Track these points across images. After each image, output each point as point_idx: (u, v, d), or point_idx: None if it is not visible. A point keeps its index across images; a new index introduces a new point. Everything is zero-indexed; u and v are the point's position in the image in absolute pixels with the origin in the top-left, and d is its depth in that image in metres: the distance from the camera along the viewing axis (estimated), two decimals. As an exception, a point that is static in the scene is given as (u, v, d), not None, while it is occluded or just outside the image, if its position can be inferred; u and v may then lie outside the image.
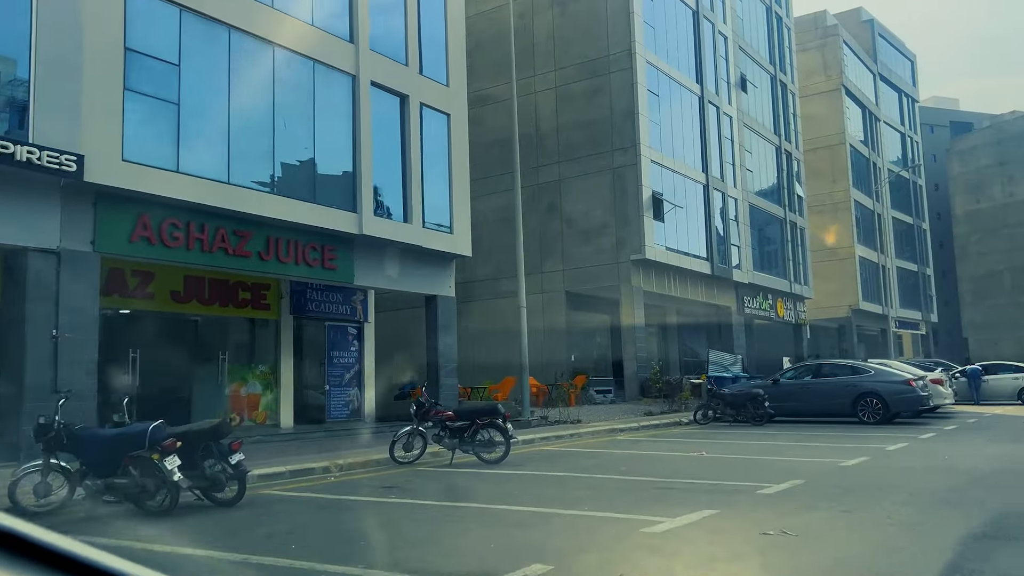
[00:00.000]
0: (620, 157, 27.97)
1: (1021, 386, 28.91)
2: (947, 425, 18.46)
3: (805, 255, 41.87)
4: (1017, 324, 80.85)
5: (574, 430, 17.15)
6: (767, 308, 37.12)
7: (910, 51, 65.17)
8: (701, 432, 17.88)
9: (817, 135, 50.80)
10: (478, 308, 30.44)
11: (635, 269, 27.77)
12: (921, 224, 62.75)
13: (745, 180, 35.70)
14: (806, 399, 20.13)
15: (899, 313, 56.43)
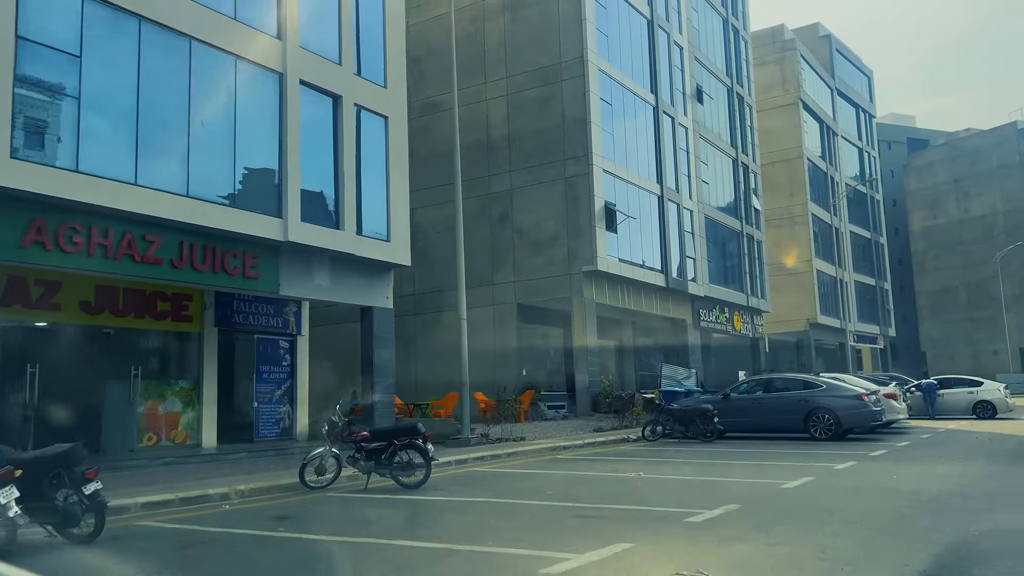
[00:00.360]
0: (572, 166, 27.30)
1: (976, 400, 28.68)
2: (900, 441, 17.91)
3: (762, 268, 41.59)
4: (972, 339, 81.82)
5: (515, 448, 16.27)
6: (724, 322, 36.66)
7: (867, 67, 65.84)
8: (647, 450, 17.11)
9: (775, 149, 50.82)
10: (427, 321, 29.52)
11: (587, 281, 27.05)
12: (879, 239, 63.14)
13: (701, 192, 35.28)
14: (757, 415, 19.48)
15: (857, 327, 56.54)
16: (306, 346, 19.72)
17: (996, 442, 17.57)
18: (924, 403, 28.85)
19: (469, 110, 29.45)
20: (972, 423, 25.49)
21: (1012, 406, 28.80)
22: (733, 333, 38.21)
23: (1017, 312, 77.09)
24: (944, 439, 18.87)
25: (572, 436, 19.40)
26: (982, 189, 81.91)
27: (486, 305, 28.41)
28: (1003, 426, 23.09)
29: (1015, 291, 77.72)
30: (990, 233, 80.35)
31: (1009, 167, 79.64)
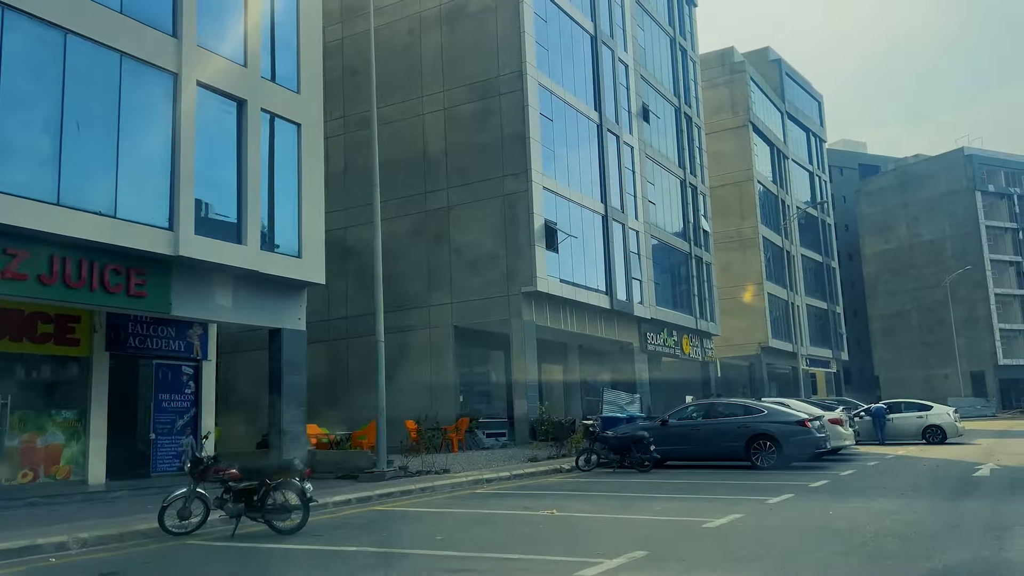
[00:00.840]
0: (511, 183, 26.25)
1: (925, 425, 28.04)
2: (845, 469, 16.94)
3: (712, 291, 40.90)
4: (925, 362, 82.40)
5: (433, 482, 14.93)
6: (672, 345, 35.76)
7: (817, 92, 66.33)
8: (575, 481, 15.90)
9: (726, 171, 50.53)
10: (362, 346, 28.00)
11: (526, 302, 25.91)
12: (831, 262, 63.21)
13: (648, 213, 34.49)
14: (697, 442, 18.40)
15: (810, 351, 56.21)
16: (212, 372, 18.21)
17: (943, 470, 16.69)
18: (874, 428, 28.13)
19: (406, 124, 28.34)
20: (921, 448, 24.75)
21: (962, 431, 28.22)
22: (682, 357, 37.33)
23: (967, 336, 77.84)
24: (890, 467, 17.97)
25: (502, 467, 18.10)
26: (931, 214, 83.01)
27: (422, 328, 27.10)
28: (952, 451, 22.35)
29: (965, 315, 78.53)
30: (940, 257, 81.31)
31: (957, 193, 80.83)
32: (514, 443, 25.46)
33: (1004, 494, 11.91)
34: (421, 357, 26.89)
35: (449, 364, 26.53)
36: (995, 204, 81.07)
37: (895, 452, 23.13)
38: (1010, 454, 21.24)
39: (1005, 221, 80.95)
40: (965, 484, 13.42)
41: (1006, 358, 77.10)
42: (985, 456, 20.36)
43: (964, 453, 21.60)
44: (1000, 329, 77.44)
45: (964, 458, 19.67)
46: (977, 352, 77.68)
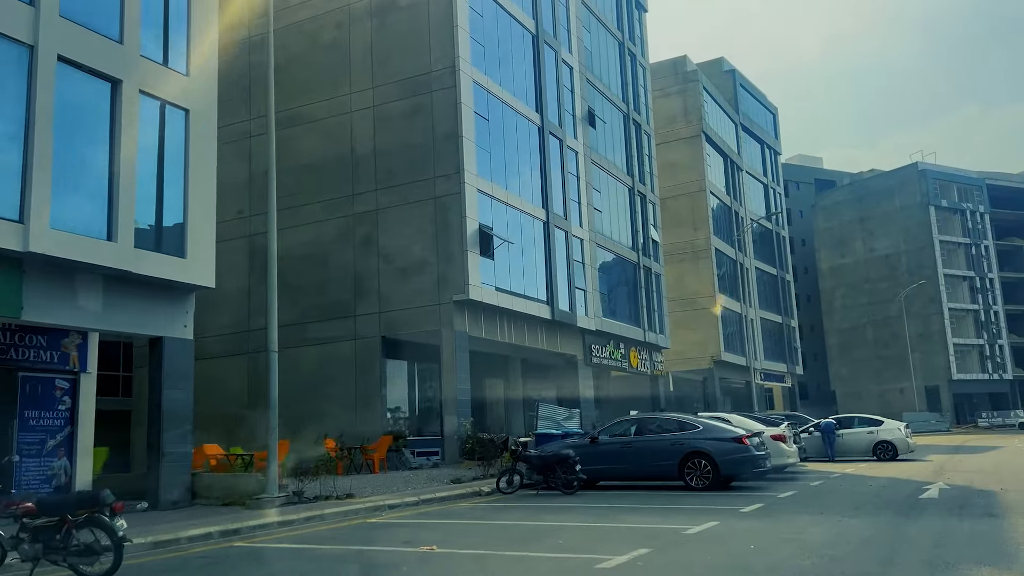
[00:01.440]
0: (443, 185, 24.73)
1: (876, 441, 26.97)
2: (784, 491, 15.58)
3: (661, 303, 39.71)
4: (880, 377, 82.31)
5: (324, 510, 13.25)
6: (619, 358, 34.42)
7: (772, 104, 66.01)
8: (487, 507, 14.32)
9: (678, 182, 49.63)
10: (283, 359, 26.19)
11: (458, 311, 24.34)
12: (785, 275, 62.63)
13: (593, 220, 33.21)
14: (629, 460, 16.94)
15: (764, 365, 55.36)
16: (93, 386, 16.31)
17: (889, 490, 15.42)
18: (823, 444, 27.00)
19: (333, 122, 26.73)
20: (871, 466, 23.63)
21: (913, 447, 27.20)
22: (630, 370, 36.01)
23: (922, 351, 77.89)
24: (834, 487, 16.67)
25: (416, 490, 16.46)
26: (886, 229, 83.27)
27: (348, 339, 25.39)
28: (902, 469, 21.20)
29: (919, 330, 78.63)
30: (894, 272, 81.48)
31: (911, 207, 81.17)
32: (445, 463, 23.83)
33: (951, 521, 10.60)
34: (346, 370, 25.17)
35: (376, 378, 24.83)
36: (948, 219, 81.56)
37: (843, 470, 21.94)
38: (961, 471, 20.14)
39: (958, 236, 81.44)
40: (911, 508, 12.10)
41: (959, 373, 77.27)
42: (935, 474, 19.21)
43: (914, 471, 20.46)
44: (954, 344, 77.65)
45: (913, 476, 18.49)
46: (932, 367, 77.76)
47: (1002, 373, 79.58)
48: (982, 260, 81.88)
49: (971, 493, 14.35)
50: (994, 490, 14.65)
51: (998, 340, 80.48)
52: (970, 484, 16.13)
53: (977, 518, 10.76)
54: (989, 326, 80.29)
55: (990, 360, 79.35)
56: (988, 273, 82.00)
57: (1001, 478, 17.55)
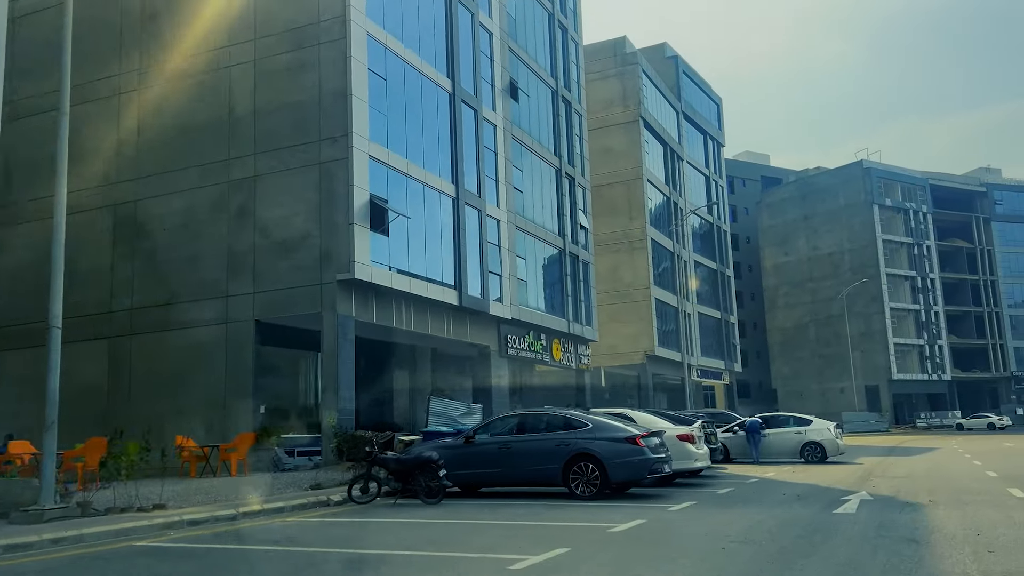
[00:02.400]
0: (328, 149, 21.91)
1: (804, 441, 24.96)
2: (681, 501, 13.18)
3: (589, 293, 37.37)
4: (822, 376, 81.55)
5: (100, 527, 10.44)
6: (539, 349, 31.96)
7: (716, 95, 64.29)
8: (320, 523, 11.65)
9: (615, 169, 47.46)
10: (148, 344, 23.22)
11: (343, 292, 21.55)
12: (726, 271, 60.97)
13: (512, 200, 30.65)
14: (507, 464, 14.41)
15: (701, 362, 53.55)
16: None
17: (803, 501, 13.13)
18: (748, 445, 24.91)
19: (210, 79, 23.70)
20: (796, 469, 21.50)
21: (843, 448, 25.25)
22: (552, 363, 33.58)
23: (863, 350, 77.23)
24: (742, 497, 14.33)
25: (245, 500, 13.66)
26: (830, 227, 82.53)
27: (218, 322, 22.42)
28: (827, 474, 19.06)
29: (861, 329, 77.97)
30: (837, 270, 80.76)
31: (855, 206, 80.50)
32: (325, 464, 21.03)
33: (862, 549, 8.24)
34: (215, 358, 22.21)
35: (249, 367, 21.91)
36: (892, 218, 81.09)
37: (764, 474, 19.75)
38: (890, 477, 18.07)
39: (901, 236, 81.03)
40: (817, 530, 9.74)
41: (900, 373, 76.80)
42: (861, 481, 17.08)
43: (839, 476, 18.33)
44: (894, 344, 77.13)
45: (836, 483, 16.31)
46: (872, 366, 77.16)
47: (941, 374, 79.39)
48: (924, 260, 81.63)
49: (895, 506, 12.11)
50: (921, 502, 12.45)
51: (938, 340, 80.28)
52: (896, 494, 13.94)
53: (895, 543, 8.44)
54: (929, 326, 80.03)
55: (929, 360, 79.07)
56: (930, 273, 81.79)
57: (932, 485, 15.46)
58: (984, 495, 13.39)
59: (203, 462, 19.07)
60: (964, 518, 10.38)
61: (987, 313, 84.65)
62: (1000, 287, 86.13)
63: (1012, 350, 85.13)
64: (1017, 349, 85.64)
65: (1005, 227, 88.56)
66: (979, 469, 20.02)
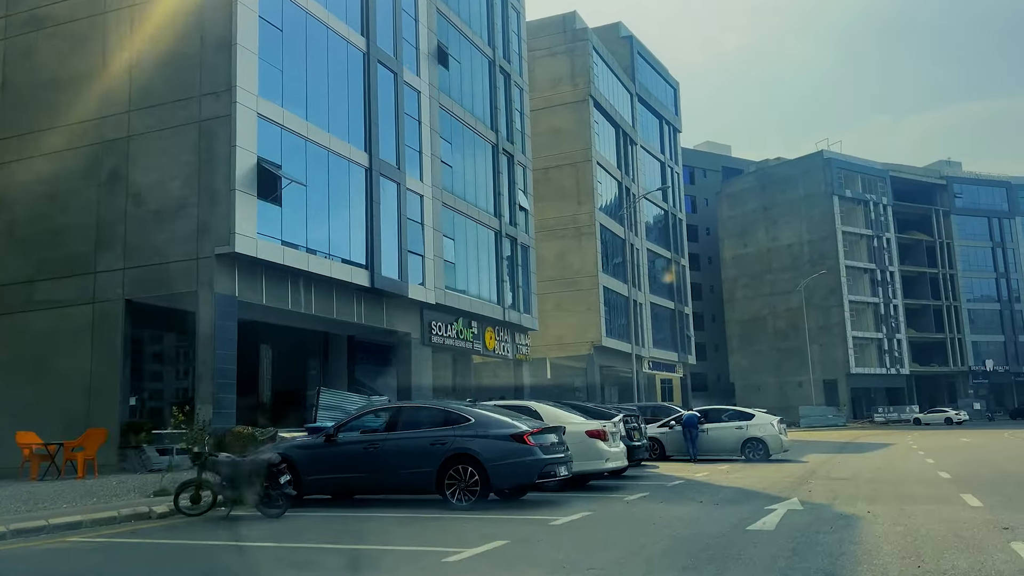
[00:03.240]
0: (210, 105, 19.26)
1: (745, 437, 22.90)
2: (569, 513, 10.85)
3: (528, 279, 35.03)
4: (780, 370, 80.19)
5: None
6: (469, 338, 29.54)
7: (673, 79, 62.26)
8: (108, 543, 9.17)
9: (563, 151, 45.16)
10: (3, 325, 20.39)
11: (223, 268, 18.94)
12: (680, 260, 59.01)
13: (439, 175, 28.16)
14: (374, 466, 11.99)
15: (653, 353, 51.53)
16: None
17: (719, 511, 10.90)
18: (684, 440, 22.78)
19: (81, 27, 20.90)
20: (733, 469, 19.39)
21: (787, 445, 23.20)
22: (485, 353, 31.20)
23: (822, 343, 75.98)
24: (652, 505, 12.05)
25: (58, 510, 11.13)
26: (790, 218, 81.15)
27: (84, 302, 19.68)
28: (762, 476, 16.91)
29: (820, 322, 76.71)
30: (797, 262, 79.39)
31: (815, 196, 79.16)
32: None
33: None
34: (80, 343, 19.48)
35: (117, 353, 19.21)
36: (852, 210, 79.92)
37: (694, 474, 17.57)
38: (832, 478, 15.98)
39: (861, 228, 79.91)
40: (715, 557, 7.44)
41: (858, 366, 75.69)
42: (796, 484, 14.93)
43: (775, 478, 16.18)
44: (853, 337, 75.99)
45: (768, 487, 14.12)
46: (830, 360, 75.96)
47: (899, 368, 78.48)
48: (884, 253, 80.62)
49: (825, 519, 9.90)
50: (858, 514, 10.28)
51: (896, 334, 79.34)
52: (831, 502, 11.76)
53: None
54: (888, 320, 79.05)
55: (888, 354, 78.10)
56: (889, 266, 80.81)
57: (875, 490, 13.35)
58: (932, 503, 11.27)
59: (47, 462, 16.38)
60: (904, 538, 8.19)
61: (946, 307, 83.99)
62: (959, 281, 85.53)
63: (970, 344, 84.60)
64: (975, 343, 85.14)
65: (965, 220, 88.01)
66: (931, 469, 18.04)
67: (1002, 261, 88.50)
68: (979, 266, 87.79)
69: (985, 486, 13.71)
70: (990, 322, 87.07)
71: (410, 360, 26.32)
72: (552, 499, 12.54)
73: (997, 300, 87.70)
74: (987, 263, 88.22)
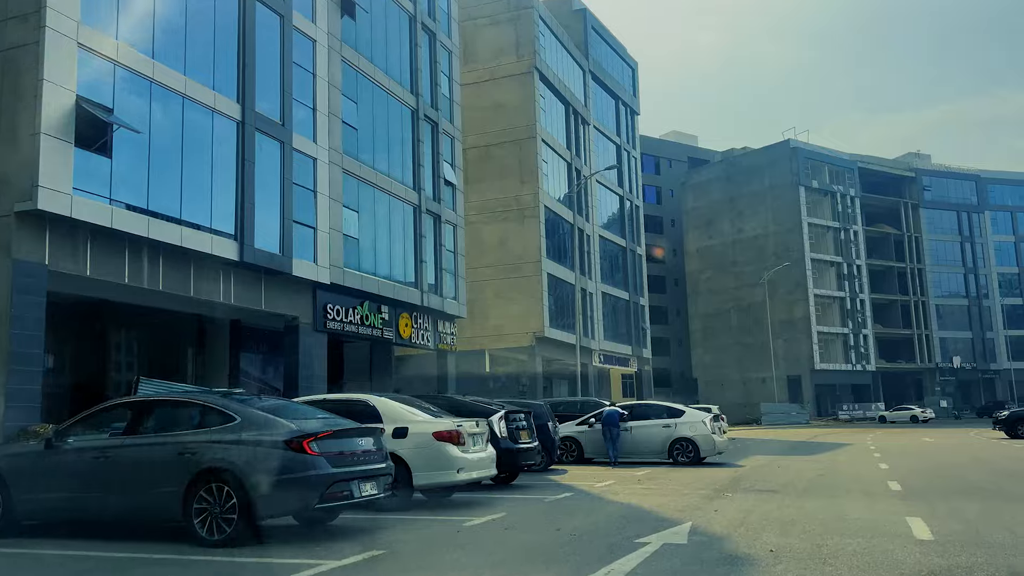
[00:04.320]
0: (15, 31, 15.73)
1: (674, 437, 19.83)
2: (358, 551, 7.58)
3: (456, 261, 31.71)
4: (742, 365, 77.56)
5: None
6: (378, 324, 26.15)
7: (632, 58, 59.15)
8: None
9: (505, 126, 41.90)
10: None
11: (28, 231, 15.44)
12: (636, 249, 55.96)
13: (339, 137, 24.74)
14: (103, 483, 8.59)
15: (604, 346, 48.42)
16: None
17: (566, 550, 7.70)
18: (604, 440, 19.64)
19: None
20: (650, 475, 16.30)
21: (720, 447, 20.13)
22: (400, 342, 27.82)
23: (786, 338, 73.43)
24: (490, 535, 8.81)
25: None
26: (755, 209, 78.48)
27: None
28: (677, 485, 13.75)
29: (784, 316, 74.15)
30: (762, 255, 76.71)
31: (781, 187, 76.51)
32: None
33: None
34: None
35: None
36: (819, 201, 77.43)
37: (597, 483, 14.43)
38: (755, 491, 12.87)
39: (828, 220, 77.44)
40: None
41: (823, 362, 73.19)
42: (711, 496, 11.84)
43: (689, 489, 13.06)
44: (818, 332, 73.47)
45: (665, 506, 10.96)
46: (795, 355, 73.39)
47: (865, 364, 76.14)
48: (851, 246, 78.24)
49: (705, 564, 6.73)
50: (756, 554, 7.12)
51: (863, 329, 77.01)
52: (732, 530, 8.59)
53: None
54: (855, 315, 76.68)
55: (854, 350, 75.71)
56: (856, 260, 78.44)
57: (800, 510, 10.23)
58: (866, 535, 8.12)
59: None
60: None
61: (914, 302, 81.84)
62: (927, 275, 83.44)
63: (938, 341, 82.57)
64: (943, 340, 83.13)
65: (933, 214, 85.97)
66: (881, 477, 15.00)
67: (971, 256, 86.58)
68: (947, 261, 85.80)
69: (941, 505, 10.66)
70: (958, 318, 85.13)
71: (298, 348, 22.90)
72: (359, 526, 9.27)
73: (965, 296, 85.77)
74: (955, 258, 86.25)
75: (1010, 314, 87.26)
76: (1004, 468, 17.25)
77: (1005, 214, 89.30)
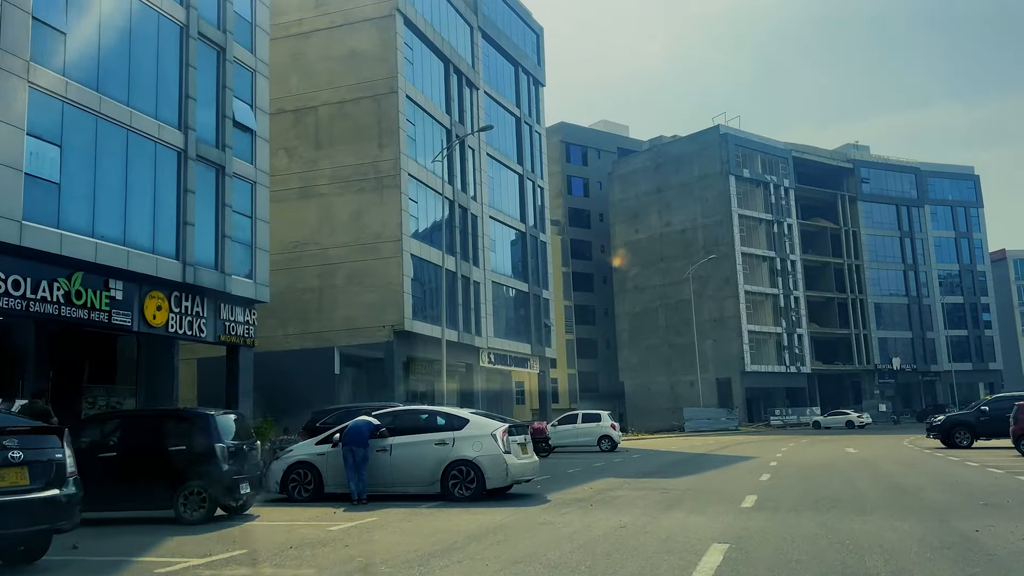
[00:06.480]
0: None
1: (449, 459, 13.41)
2: None
3: (255, 229, 24.67)
4: (670, 367, 71.57)
5: None
6: (102, 306, 18.93)
7: (537, 23, 52.79)
8: None
9: (361, 79, 35.09)
10: None
11: None
12: (539, 235, 49.44)
13: (64, 58, 17.56)
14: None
15: (494, 343, 41.71)
16: None
17: None
18: (344, 467, 12.93)
19: None
20: (374, 525, 9.49)
21: (523, 471, 13.54)
22: (147, 329, 20.61)
23: (715, 338, 67.70)
24: None
25: None
26: (684, 200, 72.77)
27: None
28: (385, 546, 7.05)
29: (714, 314, 68.45)
30: (690, 249, 70.93)
31: (710, 177, 70.92)
32: None
33: None
34: None
35: None
36: (750, 192, 72.01)
37: (297, 533, 7.59)
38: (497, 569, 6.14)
39: (760, 211, 72.07)
40: None
41: (754, 364, 67.55)
42: None
43: (392, 564, 6.27)
44: (749, 331, 67.87)
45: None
46: (725, 357, 67.68)
47: (800, 366, 70.76)
48: (784, 240, 72.96)
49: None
50: None
51: (797, 329, 71.67)
52: None
53: None
54: (788, 313, 71.31)
55: (788, 351, 70.28)
56: (790, 255, 73.17)
57: None
58: None
59: None
60: None
61: (851, 300, 76.91)
62: (866, 272, 78.67)
63: (877, 341, 77.77)
64: (882, 340, 78.38)
65: (872, 207, 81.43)
66: (729, 529, 8.42)
67: (910, 252, 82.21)
68: (886, 257, 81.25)
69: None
70: (897, 318, 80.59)
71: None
72: None
73: (905, 294, 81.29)
74: (895, 254, 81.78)
75: (951, 313, 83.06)
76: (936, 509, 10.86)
77: (945, 208, 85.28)
